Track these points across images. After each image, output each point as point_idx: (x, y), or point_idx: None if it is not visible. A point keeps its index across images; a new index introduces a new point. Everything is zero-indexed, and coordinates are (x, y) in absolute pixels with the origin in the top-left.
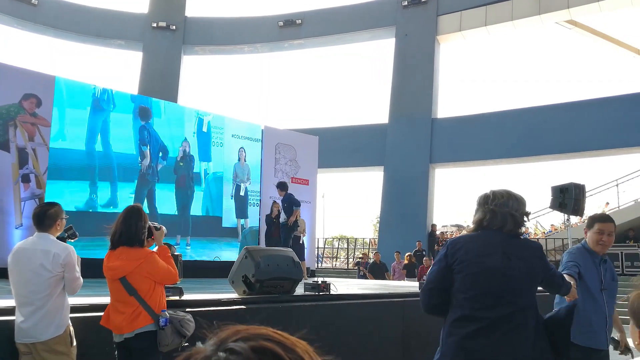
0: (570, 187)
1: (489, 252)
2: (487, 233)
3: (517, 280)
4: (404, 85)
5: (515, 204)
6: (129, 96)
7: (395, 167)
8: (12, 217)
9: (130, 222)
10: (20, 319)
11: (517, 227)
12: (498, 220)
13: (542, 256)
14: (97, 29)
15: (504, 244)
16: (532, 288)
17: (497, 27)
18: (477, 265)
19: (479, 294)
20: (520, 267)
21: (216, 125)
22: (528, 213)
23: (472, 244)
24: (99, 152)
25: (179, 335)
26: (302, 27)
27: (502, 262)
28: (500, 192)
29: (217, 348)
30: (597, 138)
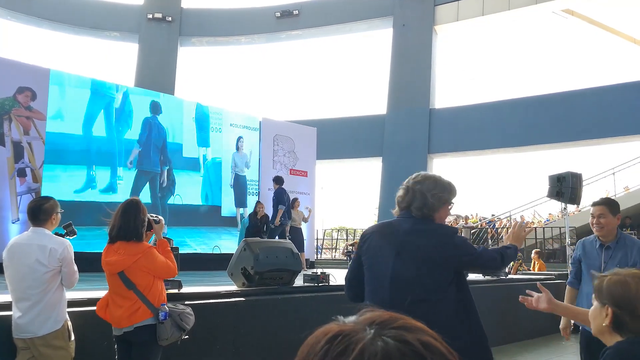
0: (568, 176)
1: (386, 244)
2: (395, 222)
3: (410, 275)
4: (402, 76)
5: (432, 185)
6: (123, 88)
7: (394, 158)
8: (9, 211)
9: (128, 216)
10: (18, 315)
11: (427, 208)
12: (408, 197)
13: (451, 243)
14: (92, 21)
15: (407, 233)
16: (432, 280)
17: (494, 16)
18: (373, 259)
19: (372, 290)
20: (416, 259)
21: (215, 112)
22: (446, 199)
23: (375, 235)
24: (97, 137)
25: (178, 329)
26: (300, 17)
27: (395, 256)
28: (424, 173)
29: (378, 332)
30: (595, 127)
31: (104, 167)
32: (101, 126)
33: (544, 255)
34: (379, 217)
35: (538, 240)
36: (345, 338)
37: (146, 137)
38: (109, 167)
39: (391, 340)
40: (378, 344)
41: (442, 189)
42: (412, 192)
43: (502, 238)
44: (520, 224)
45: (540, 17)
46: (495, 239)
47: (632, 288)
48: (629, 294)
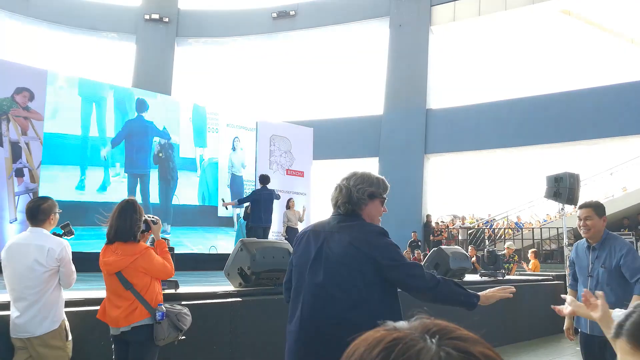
0: (565, 176)
1: (312, 243)
2: (325, 220)
3: (322, 289)
4: (399, 76)
5: (358, 180)
6: (121, 89)
7: (390, 158)
8: (6, 211)
9: (124, 216)
10: (15, 314)
11: (351, 203)
12: (336, 195)
13: (372, 241)
14: (90, 21)
15: (330, 230)
16: (348, 282)
17: (490, 17)
18: (299, 259)
19: (294, 293)
20: (332, 258)
21: (212, 112)
22: (372, 192)
23: (305, 237)
24: (92, 137)
25: (175, 329)
26: (296, 18)
27: (314, 258)
28: (354, 171)
29: (439, 342)
30: (592, 127)
31: (99, 167)
32: (96, 126)
33: (541, 255)
34: None
35: (535, 240)
36: (405, 346)
37: (125, 138)
38: (104, 167)
39: (453, 351)
40: (441, 354)
41: (369, 183)
42: (339, 189)
43: (499, 239)
44: (508, 290)
45: (537, 17)
46: (493, 239)
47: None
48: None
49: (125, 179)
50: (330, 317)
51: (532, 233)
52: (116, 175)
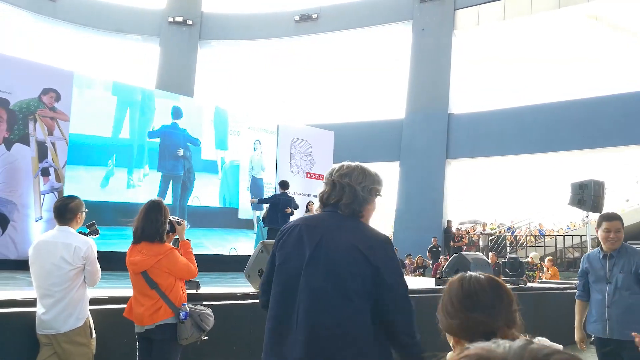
0: (590, 183)
1: (305, 240)
2: (321, 216)
3: (321, 293)
4: (421, 80)
5: (361, 176)
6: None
7: (411, 162)
8: (32, 210)
9: (150, 217)
10: (42, 311)
11: (357, 204)
12: (336, 193)
13: (380, 248)
14: (115, 24)
15: (330, 233)
16: (348, 301)
17: (515, 21)
18: (286, 257)
19: (278, 296)
20: (331, 270)
21: (233, 115)
22: (377, 190)
23: (296, 230)
24: (118, 139)
25: (198, 329)
26: (319, 21)
27: (309, 259)
28: (348, 163)
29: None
30: (618, 134)
31: (125, 168)
32: (122, 128)
33: (563, 263)
34: (396, 221)
35: (558, 248)
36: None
37: (160, 138)
38: (130, 168)
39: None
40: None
41: (371, 180)
42: (341, 186)
43: (521, 245)
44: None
45: (563, 22)
46: (514, 245)
47: None
48: None
49: (148, 180)
50: (331, 327)
51: (554, 240)
52: (145, 176)
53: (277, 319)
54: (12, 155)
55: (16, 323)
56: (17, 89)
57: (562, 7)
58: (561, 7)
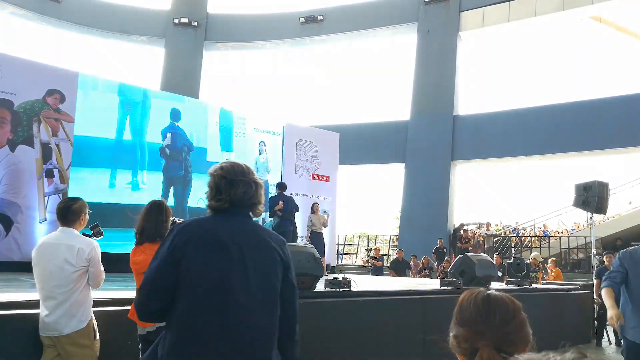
0: (594, 185)
1: (221, 247)
2: (229, 218)
3: (256, 296)
4: (426, 82)
5: (254, 174)
6: (148, 91)
7: (417, 164)
8: (36, 211)
9: (150, 217)
10: (45, 313)
11: (262, 202)
12: (239, 191)
13: (286, 251)
14: (120, 25)
15: (247, 236)
16: (276, 301)
17: (520, 23)
18: (203, 267)
19: (198, 310)
20: (260, 271)
21: (238, 117)
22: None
23: (205, 235)
24: (121, 140)
25: None
26: (324, 23)
27: (235, 266)
28: (237, 162)
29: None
30: (622, 135)
31: (128, 169)
32: (126, 129)
33: (568, 265)
34: (401, 223)
35: (563, 249)
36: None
37: (168, 146)
38: (132, 169)
39: None
40: None
41: (256, 177)
42: (243, 184)
43: (526, 246)
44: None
45: (567, 23)
46: (519, 247)
47: None
48: None
49: (151, 182)
50: (267, 328)
51: (559, 242)
52: (147, 177)
53: (204, 325)
54: (16, 157)
55: (20, 325)
56: (21, 90)
57: (567, 9)
58: (565, 9)
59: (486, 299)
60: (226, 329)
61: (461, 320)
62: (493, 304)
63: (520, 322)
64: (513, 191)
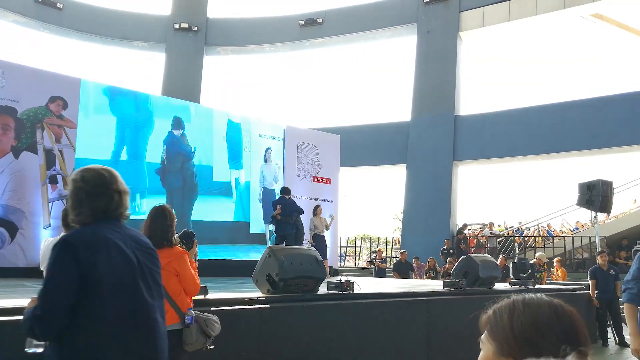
0: (598, 184)
1: (126, 259)
2: (118, 227)
3: (157, 305)
4: (427, 83)
5: (117, 184)
6: (152, 97)
7: (418, 165)
8: (40, 217)
9: (155, 224)
10: None
11: (126, 211)
12: (101, 204)
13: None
14: (120, 31)
15: (137, 244)
16: (163, 305)
17: (520, 22)
18: (114, 279)
19: (112, 329)
20: (150, 273)
21: (245, 128)
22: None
23: (109, 245)
24: (123, 161)
25: (203, 335)
26: (323, 25)
27: (138, 273)
28: (87, 167)
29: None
30: (626, 133)
31: (130, 177)
32: (129, 135)
33: (572, 265)
34: (404, 225)
35: (567, 249)
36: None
37: (166, 158)
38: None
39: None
40: None
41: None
42: (106, 196)
43: (530, 246)
44: None
45: (567, 21)
46: (523, 247)
47: None
48: None
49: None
50: (164, 331)
51: (563, 241)
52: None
53: (120, 329)
54: (20, 164)
55: None
56: (24, 98)
57: (567, 7)
58: (566, 7)
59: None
60: (140, 329)
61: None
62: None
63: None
64: (516, 191)
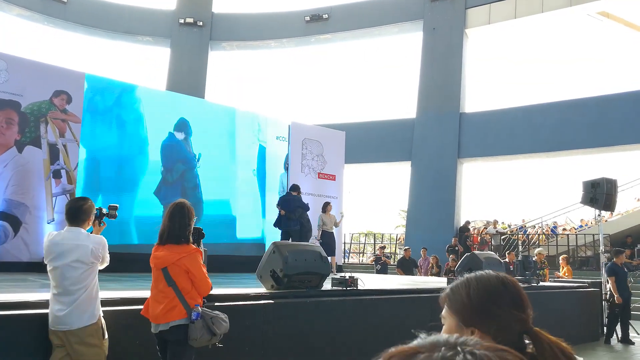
0: (602, 182)
1: None
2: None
3: None
4: (432, 80)
5: None
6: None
7: (423, 162)
8: (44, 212)
9: (174, 219)
10: (57, 307)
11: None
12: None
13: None
14: (125, 26)
15: None
16: None
17: (527, 19)
18: None
19: None
20: None
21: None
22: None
23: None
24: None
25: (209, 331)
26: (329, 21)
27: None
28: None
29: (455, 351)
30: (630, 132)
31: (134, 170)
32: (132, 130)
33: (576, 262)
34: (408, 222)
35: (571, 247)
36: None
37: (164, 163)
38: (138, 170)
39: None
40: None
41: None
42: None
43: (534, 244)
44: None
45: (574, 19)
46: (527, 244)
47: None
48: None
49: None
50: None
51: (567, 239)
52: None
53: None
54: (24, 158)
55: (28, 325)
56: (28, 92)
57: (574, 5)
58: (572, 5)
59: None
60: None
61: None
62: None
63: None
64: (520, 189)
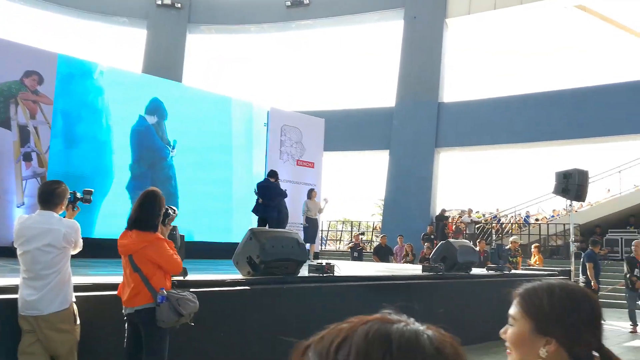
0: (574, 173)
1: None
2: None
3: None
4: (412, 69)
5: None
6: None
7: (401, 151)
8: (14, 195)
9: (144, 208)
10: (27, 292)
11: None
12: None
13: None
14: (100, 5)
15: None
16: None
17: (506, 10)
18: None
19: None
20: None
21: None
22: None
23: None
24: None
25: (175, 313)
26: (310, 7)
27: None
28: None
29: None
30: (603, 124)
31: (105, 153)
32: (107, 112)
33: (547, 251)
34: (384, 210)
35: (542, 236)
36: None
37: (135, 150)
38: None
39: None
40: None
41: None
42: None
43: (507, 233)
44: None
45: (551, 12)
46: (500, 233)
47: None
48: None
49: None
50: None
51: (539, 229)
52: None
53: None
54: None
55: None
56: None
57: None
58: None
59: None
60: None
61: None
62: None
63: None
64: (495, 179)
